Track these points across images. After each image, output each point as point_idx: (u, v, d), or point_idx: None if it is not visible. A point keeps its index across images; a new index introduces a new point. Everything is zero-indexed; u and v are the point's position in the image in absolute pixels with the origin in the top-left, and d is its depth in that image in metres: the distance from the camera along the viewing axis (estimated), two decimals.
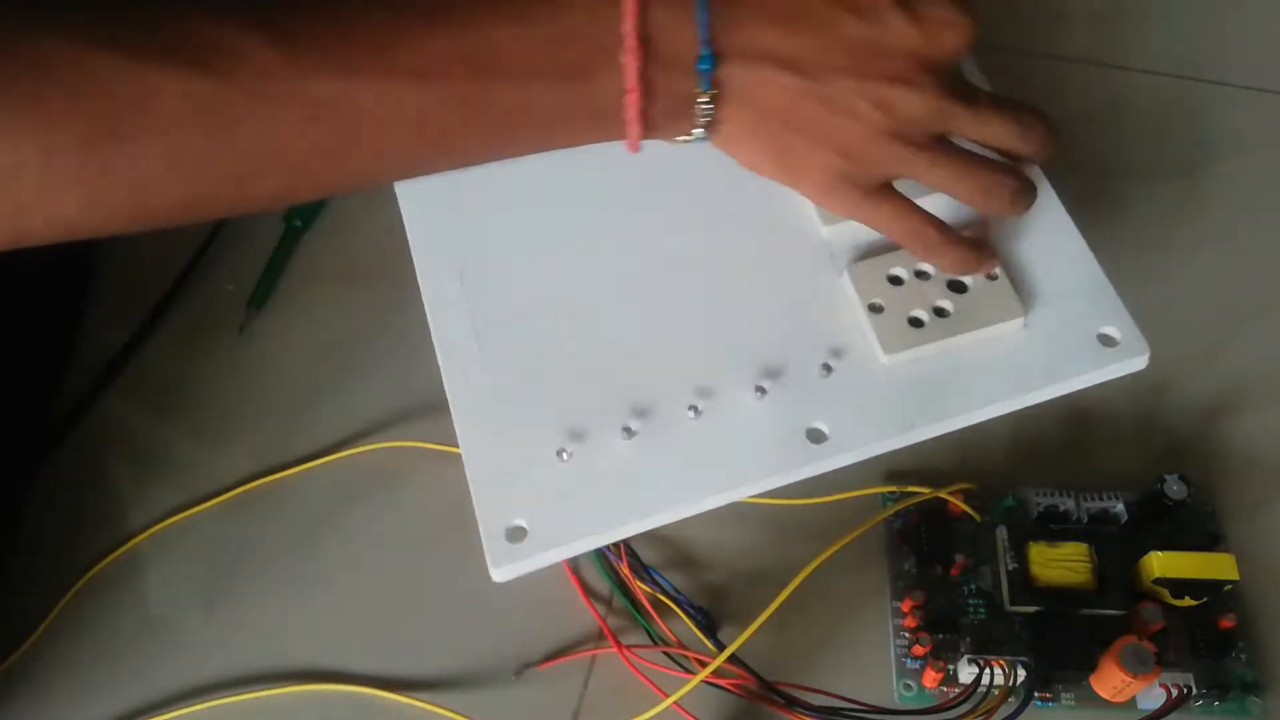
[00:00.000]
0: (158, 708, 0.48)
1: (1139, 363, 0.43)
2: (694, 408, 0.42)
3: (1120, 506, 0.49)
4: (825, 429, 0.42)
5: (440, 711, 0.47)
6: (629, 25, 0.36)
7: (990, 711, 0.44)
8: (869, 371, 0.43)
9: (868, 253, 0.45)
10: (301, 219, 0.60)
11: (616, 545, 0.48)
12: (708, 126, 0.39)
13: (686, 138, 0.39)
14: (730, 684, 0.45)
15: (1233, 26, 0.66)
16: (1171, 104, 0.63)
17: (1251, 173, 0.61)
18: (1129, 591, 0.47)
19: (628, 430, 0.42)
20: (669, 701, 0.44)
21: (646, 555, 0.49)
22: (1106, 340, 0.43)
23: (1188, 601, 0.47)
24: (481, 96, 0.37)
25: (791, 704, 0.44)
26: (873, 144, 0.39)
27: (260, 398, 0.56)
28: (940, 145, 0.40)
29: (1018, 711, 0.44)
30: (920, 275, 0.44)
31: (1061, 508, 0.49)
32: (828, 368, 0.43)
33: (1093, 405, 0.53)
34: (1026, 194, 0.42)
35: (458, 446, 0.52)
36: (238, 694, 0.48)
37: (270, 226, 0.60)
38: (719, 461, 0.42)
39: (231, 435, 0.54)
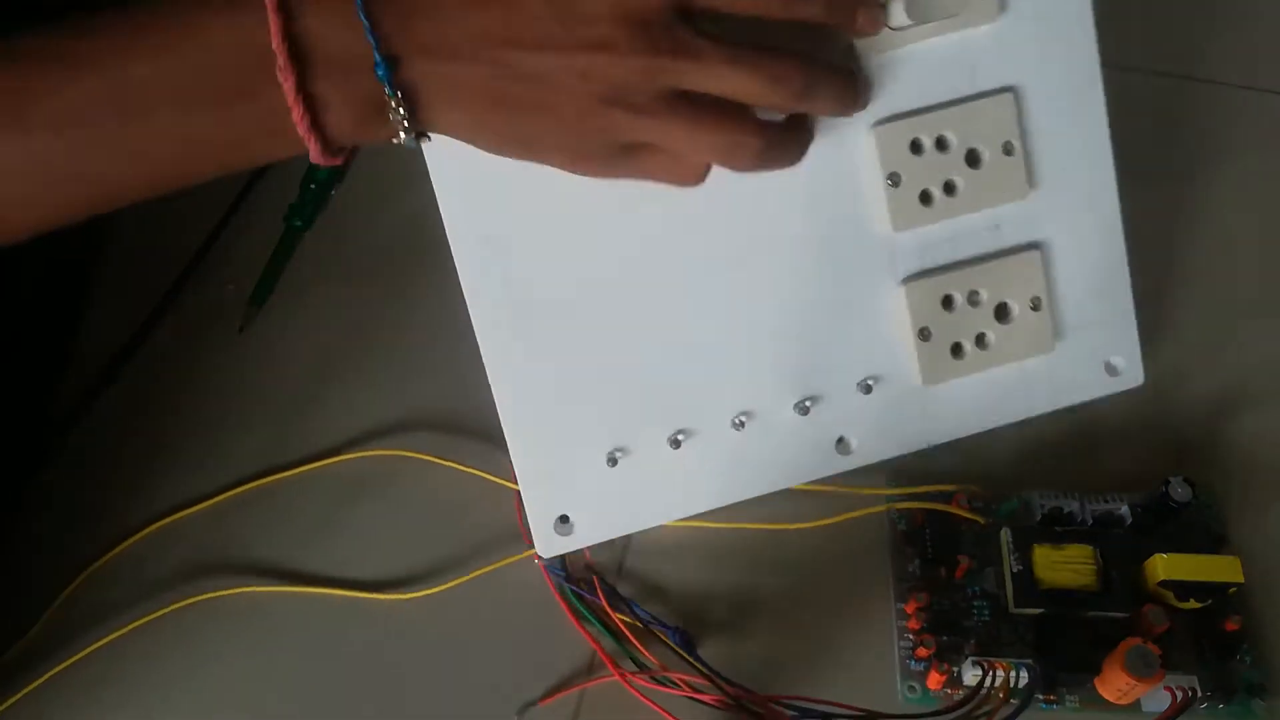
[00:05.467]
0: (155, 710, 0.47)
1: (1134, 385, 0.48)
2: (739, 422, 0.45)
3: (1125, 509, 0.49)
4: (853, 442, 0.46)
5: None
6: (276, 41, 0.35)
7: (991, 714, 0.44)
8: (905, 395, 0.46)
9: (929, 268, 0.46)
10: (302, 219, 0.60)
11: (590, 581, 0.48)
12: (421, 124, 0.38)
13: (399, 139, 0.38)
14: (719, 700, 0.45)
15: (1232, 26, 0.66)
16: (1171, 104, 0.63)
17: (1251, 173, 0.61)
18: (1134, 594, 0.47)
19: (675, 441, 0.45)
20: None
21: (641, 559, 0.49)
22: (1112, 369, 0.48)
23: (1192, 604, 0.46)
24: (134, 134, 0.36)
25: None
26: (592, 113, 0.38)
27: (260, 398, 0.55)
28: (669, 103, 0.38)
29: (1016, 713, 0.44)
30: (972, 299, 0.46)
31: (1066, 510, 0.49)
32: (868, 387, 0.45)
33: (1097, 408, 0.53)
34: (771, 151, 0.40)
35: (455, 461, 0.52)
36: (234, 699, 0.47)
37: (270, 226, 0.60)
38: (755, 466, 0.46)
39: (230, 435, 0.54)
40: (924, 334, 0.45)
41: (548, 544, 0.46)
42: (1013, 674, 0.45)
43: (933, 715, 0.44)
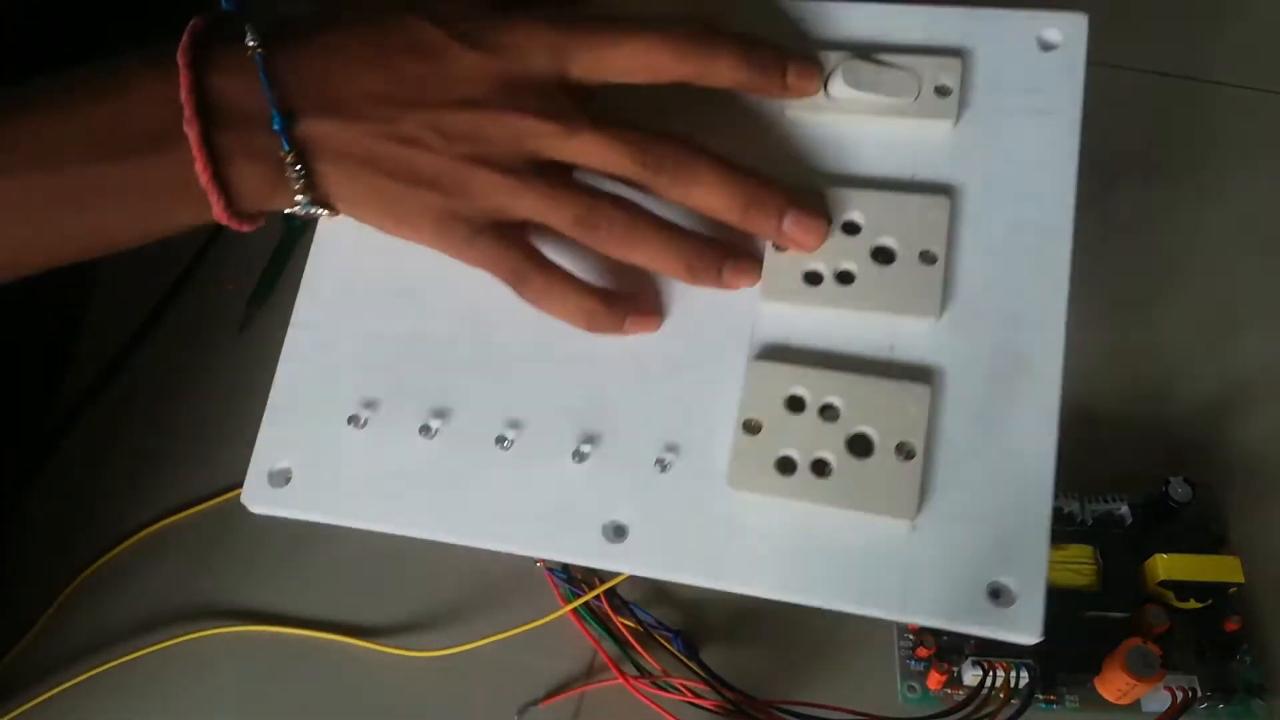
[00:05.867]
0: (153, 711, 0.47)
1: (1028, 635, 0.35)
2: (504, 439, 0.39)
3: (1125, 509, 0.49)
4: (628, 528, 0.37)
5: None
6: (184, 94, 0.36)
7: (993, 714, 0.44)
8: (705, 492, 0.37)
9: (788, 354, 0.38)
10: None
11: (592, 583, 0.47)
12: (312, 190, 0.39)
13: (296, 206, 0.40)
14: (719, 705, 0.45)
15: (1233, 26, 0.66)
16: (1172, 104, 0.63)
17: (1251, 173, 0.61)
18: (1134, 594, 0.47)
19: (427, 429, 0.39)
20: None
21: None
22: (998, 593, 0.35)
23: (1193, 604, 0.47)
24: (47, 183, 0.37)
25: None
26: (455, 171, 0.39)
27: (260, 397, 0.55)
28: (534, 167, 0.39)
29: (1017, 714, 0.44)
30: (826, 412, 0.37)
31: (1066, 510, 0.49)
32: (664, 464, 0.38)
33: (1097, 407, 0.53)
34: (637, 232, 0.39)
35: None
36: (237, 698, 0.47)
37: (271, 226, 0.59)
38: (501, 503, 0.38)
39: (231, 435, 0.53)
40: (750, 426, 0.37)
41: (257, 493, 0.40)
42: (1013, 674, 0.45)
43: (933, 717, 0.44)
